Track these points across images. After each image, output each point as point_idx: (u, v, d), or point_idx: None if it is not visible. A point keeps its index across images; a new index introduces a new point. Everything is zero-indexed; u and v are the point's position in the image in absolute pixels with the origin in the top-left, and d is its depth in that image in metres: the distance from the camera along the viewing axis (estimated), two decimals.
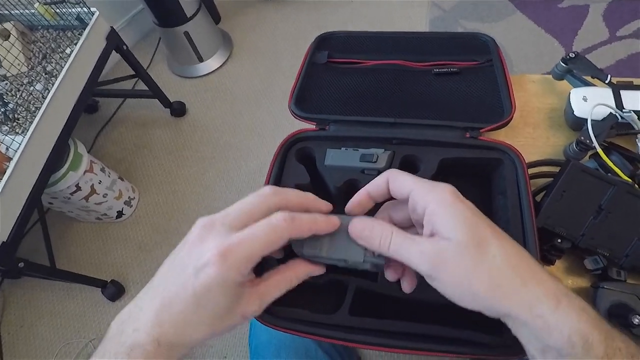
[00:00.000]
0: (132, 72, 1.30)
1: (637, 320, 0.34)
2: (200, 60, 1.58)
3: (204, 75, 1.59)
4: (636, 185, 0.40)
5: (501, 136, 0.50)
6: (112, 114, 1.52)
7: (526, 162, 0.44)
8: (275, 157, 0.45)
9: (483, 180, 0.45)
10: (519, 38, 1.45)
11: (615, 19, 1.43)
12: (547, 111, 0.51)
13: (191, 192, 1.35)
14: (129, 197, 1.29)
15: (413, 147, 0.44)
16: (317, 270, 0.31)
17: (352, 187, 0.44)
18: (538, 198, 0.42)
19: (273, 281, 0.29)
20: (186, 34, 1.46)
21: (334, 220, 0.30)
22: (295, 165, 0.45)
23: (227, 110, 1.50)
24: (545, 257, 0.41)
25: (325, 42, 0.59)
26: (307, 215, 0.29)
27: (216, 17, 1.71)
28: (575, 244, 0.39)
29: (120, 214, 1.27)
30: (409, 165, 0.44)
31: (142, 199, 1.34)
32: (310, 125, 0.48)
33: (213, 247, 0.25)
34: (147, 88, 1.37)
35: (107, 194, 1.17)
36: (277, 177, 0.44)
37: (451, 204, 0.26)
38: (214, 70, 1.60)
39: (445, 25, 1.53)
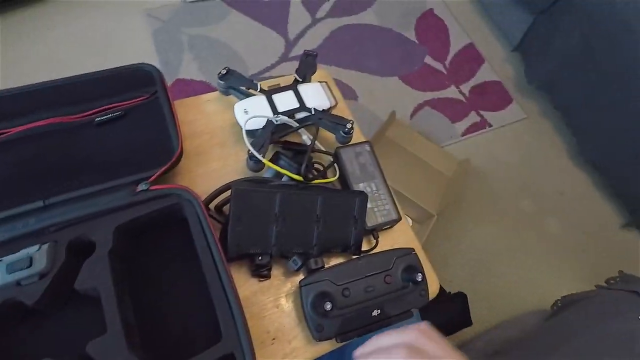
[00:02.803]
0: None
1: (328, 306, 0.38)
2: None
3: None
4: (302, 179, 0.44)
5: (192, 165, 0.49)
6: None
7: (212, 191, 0.44)
8: None
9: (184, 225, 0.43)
10: (243, 35, 1.52)
11: (311, 3, 1.66)
12: (229, 127, 0.53)
13: None
14: None
15: (79, 226, 0.37)
16: None
17: (13, 309, 0.34)
18: None
19: None
20: None
21: None
22: None
23: None
24: (260, 275, 0.42)
25: None
26: None
27: None
28: (272, 255, 0.41)
29: None
30: (82, 248, 0.37)
31: None
32: None
33: None
34: None
35: None
36: None
37: None
38: None
39: (170, 36, 1.47)
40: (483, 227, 1.33)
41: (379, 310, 0.39)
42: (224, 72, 0.50)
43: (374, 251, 0.47)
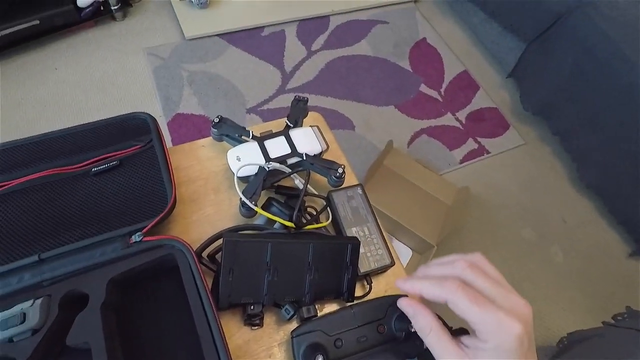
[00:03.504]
0: None
1: (320, 359, 0.37)
2: None
3: None
4: (294, 225, 0.45)
5: (187, 212, 0.49)
6: None
7: (204, 240, 0.45)
8: None
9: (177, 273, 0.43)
10: (241, 69, 1.57)
11: (306, 37, 1.71)
12: (222, 172, 0.53)
13: None
14: None
15: (72, 280, 0.38)
16: None
17: None
18: None
19: None
20: None
21: None
22: None
23: None
24: (252, 324, 0.42)
25: None
26: None
27: None
28: (264, 304, 0.41)
29: None
30: (75, 302, 0.38)
31: None
32: None
33: None
34: None
35: None
36: None
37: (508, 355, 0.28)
38: None
39: (170, 72, 1.52)
40: (485, 257, 1.31)
41: None
42: (216, 120, 0.51)
43: (368, 297, 0.46)
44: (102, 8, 1.57)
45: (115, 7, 1.60)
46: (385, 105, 1.58)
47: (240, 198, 0.45)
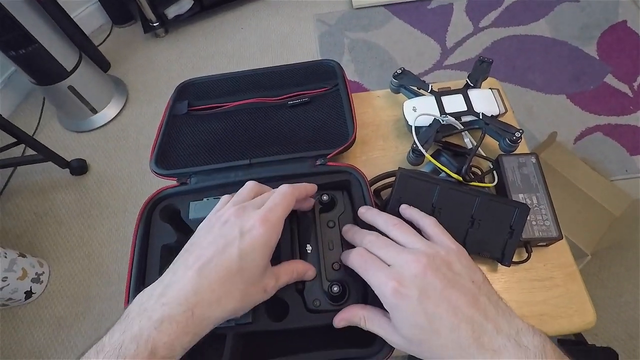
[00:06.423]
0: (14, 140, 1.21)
1: None
2: (94, 112, 1.50)
3: (101, 126, 1.52)
4: (461, 179, 0.46)
5: (357, 152, 0.55)
6: (3, 186, 1.40)
7: (374, 176, 0.49)
8: (139, 220, 0.45)
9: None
10: (400, 41, 1.57)
11: (475, 12, 1.61)
12: (393, 122, 0.57)
13: (108, 251, 1.27)
14: (36, 273, 1.18)
15: (270, 184, 0.46)
16: (310, 273, 0.38)
17: None
18: None
19: (284, 268, 0.36)
20: (71, 88, 1.39)
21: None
22: (160, 224, 0.45)
23: (133, 158, 1.45)
24: None
25: (185, 91, 0.60)
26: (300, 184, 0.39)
27: (104, 65, 1.64)
28: None
29: (29, 294, 1.16)
30: None
31: (53, 272, 1.24)
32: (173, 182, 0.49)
33: (255, 215, 0.32)
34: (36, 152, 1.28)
35: (6, 277, 1.07)
36: (144, 240, 0.44)
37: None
38: (111, 120, 1.53)
39: (334, 39, 1.61)
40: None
41: None
42: (399, 71, 0.54)
43: (523, 265, 0.45)
44: None
45: None
46: (556, 94, 1.40)
47: (412, 144, 0.48)
